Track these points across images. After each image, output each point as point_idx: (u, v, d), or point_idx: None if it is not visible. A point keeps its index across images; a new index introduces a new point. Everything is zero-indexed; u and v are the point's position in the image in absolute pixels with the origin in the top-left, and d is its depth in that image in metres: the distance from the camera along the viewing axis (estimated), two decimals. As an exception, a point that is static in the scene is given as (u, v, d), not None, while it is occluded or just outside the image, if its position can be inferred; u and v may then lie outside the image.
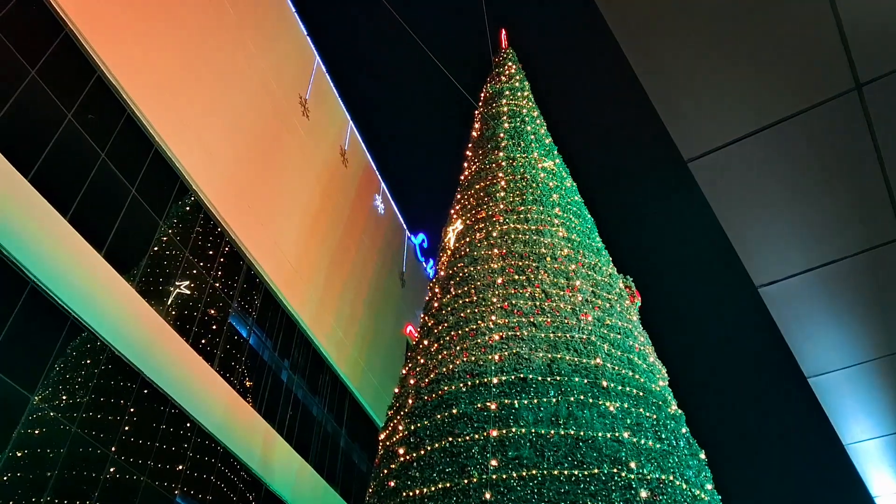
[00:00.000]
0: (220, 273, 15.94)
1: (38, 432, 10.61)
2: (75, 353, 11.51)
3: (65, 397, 11.22)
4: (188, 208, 15.26)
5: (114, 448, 11.89)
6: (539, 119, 15.15)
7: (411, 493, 8.36)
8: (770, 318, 6.56)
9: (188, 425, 13.84)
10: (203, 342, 14.88)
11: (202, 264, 15.38)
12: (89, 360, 11.77)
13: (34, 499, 10.28)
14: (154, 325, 13.26)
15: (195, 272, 15.11)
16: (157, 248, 14.00)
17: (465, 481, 7.96)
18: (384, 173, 28.07)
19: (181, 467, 13.43)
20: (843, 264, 5.88)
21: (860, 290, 6.19)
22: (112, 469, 11.76)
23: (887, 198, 5.26)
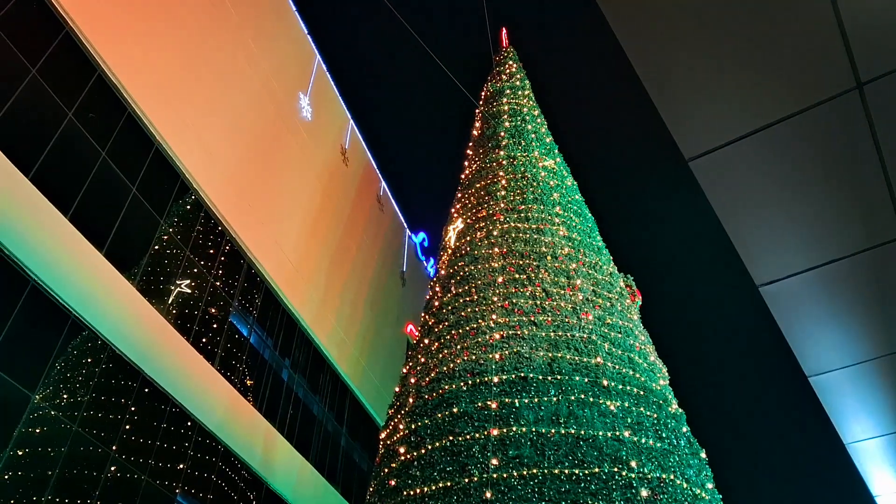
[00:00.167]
0: (220, 272, 15.95)
1: (38, 431, 10.62)
2: (76, 351, 11.52)
3: (65, 396, 11.24)
4: (189, 207, 15.26)
5: (115, 447, 11.90)
6: (540, 118, 15.15)
7: (412, 492, 8.36)
8: (771, 317, 6.55)
9: (189, 424, 13.85)
10: (204, 341, 14.88)
11: (203, 263, 15.38)
12: (90, 359, 11.78)
13: (35, 497, 10.29)
14: (155, 324, 13.27)
15: (196, 271, 15.11)
16: (157, 247, 14.00)
17: (466, 480, 7.96)
18: (385, 172, 28.13)
19: (182, 466, 13.44)
20: (844, 263, 5.87)
21: (861, 290, 6.19)
22: (113, 468, 11.77)
23: (888, 197, 5.25)
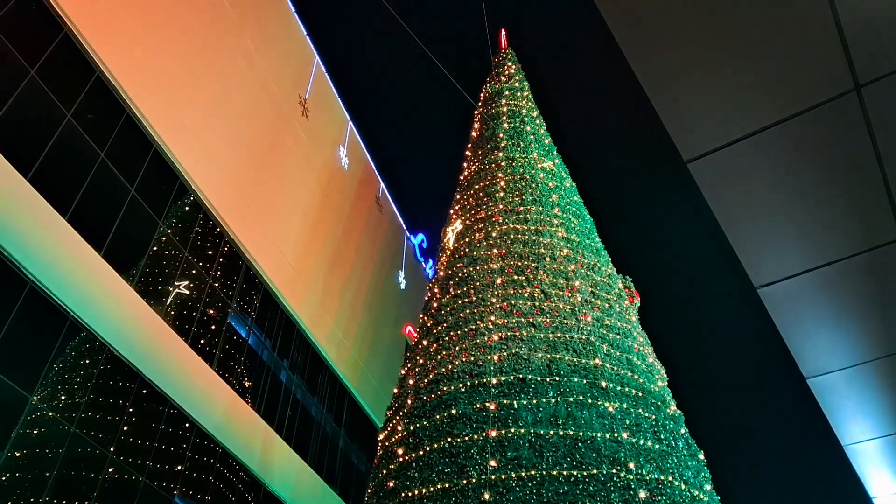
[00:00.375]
0: (219, 273, 15.93)
1: (36, 432, 10.60)
2: (74, 352, 11.50)
3: (64, 397, 11.22)
4: (187, 208, 15.25)
5: (113, 448, 11.88)
6: (538, 119, 15.15)
7: (410, 494, 8.35)
8: (769, 318, 6.56)
9: (187, 425, 13.83)
10: (202, 342, 14.87)
11: (201, 264, 15.37)
12: (88, 360, 11.76)
13: (33, 499, 10.27)
14: (153, 325, 13.26)
15: (194, 272, 15.10)
16: (156, 248, 13.99)
17: (464, 482, 7.95)
18: (383, 173, 28.10)
19: (180, 467, 13.42)
20: (843, 265, 5.88)
21: (859, 291, 6.19)
22: (111, 469, 11.75)
23: (886, 199, 5.26)
